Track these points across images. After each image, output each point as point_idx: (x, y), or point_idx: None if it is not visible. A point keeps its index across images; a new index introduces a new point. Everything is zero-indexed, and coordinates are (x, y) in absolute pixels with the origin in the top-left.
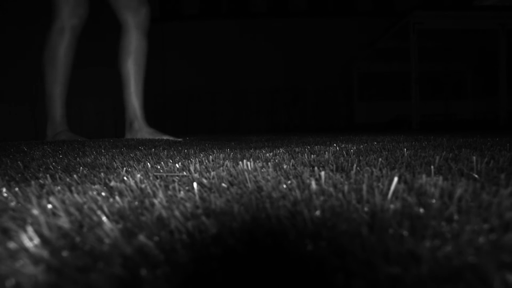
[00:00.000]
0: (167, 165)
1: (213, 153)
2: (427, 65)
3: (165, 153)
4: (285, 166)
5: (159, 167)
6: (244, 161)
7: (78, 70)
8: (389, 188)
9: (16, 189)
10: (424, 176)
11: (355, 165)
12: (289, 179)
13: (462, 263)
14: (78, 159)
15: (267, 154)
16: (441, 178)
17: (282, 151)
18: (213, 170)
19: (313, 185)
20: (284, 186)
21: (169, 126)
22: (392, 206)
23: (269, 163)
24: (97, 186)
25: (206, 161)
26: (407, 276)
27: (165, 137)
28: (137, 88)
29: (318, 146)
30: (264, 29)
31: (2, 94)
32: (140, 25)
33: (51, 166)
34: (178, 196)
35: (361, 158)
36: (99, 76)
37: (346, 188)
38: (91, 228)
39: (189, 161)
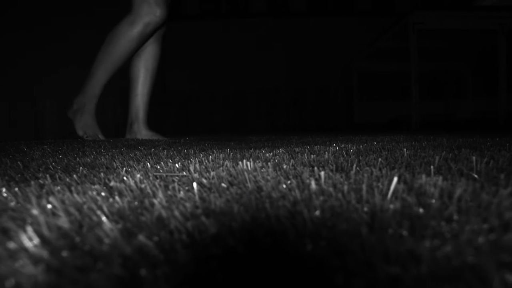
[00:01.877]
0: (167, 165)
1: (213, 153)
2: (427, 65)
3: (165, 153)
4: (284, 166)
5: (158, 167)
6: (244, 161)
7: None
8: (388, 188)
9: (16, 189)
10: (423, 176)
11: (354, 165)
12: (288, 179)
13: (461, 263)
14: (77, 159)
15: (267, 154)
16: (440, 178)
17: (282, 151)
18: (213, 170)
19: (313, 185)
20: (284, 186)
21: (169, 126)
22: (391, 206)
23: (269, 163)
24: (96, 186)
25: (206, 161)
26: (406, 276)
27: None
28: (143, 90)
29: (318, 146)
30: (264, 29)
31: (2, 94)
32: None
33: (50, 166)
34: (178, 196)
35: (360, 158)
36: None
37: (345, 188)
38: (90, 228)
39: (189, 161)
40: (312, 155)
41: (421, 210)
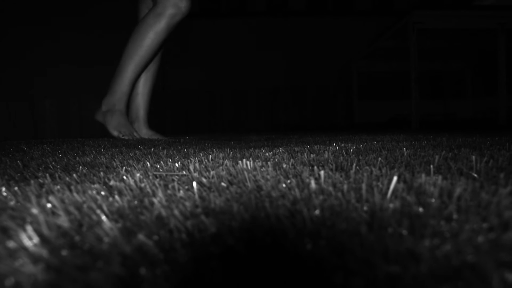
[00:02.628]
0: (167, 165)
1: (213, 152)
2: (427, 65)
3: (165, 152)
4: (284, 166)
5: (158, 166)
6: (244, 160)
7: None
8: (388, 187)
9: (16, 188)
10: (423, 175)
11: (354, 165)
12: (288, 178)
13: (461, 262)
14: (77, 158)
15: (267, 154)
16: (440, 177)
17: (282, 151)
18: (213, 169)
19: (313, 184)
20: (284, 185)
21: (169, 126)
22: (391, 205)
23: (269, 163)
24: (96, 185)
25: (206, 160)
26: (406, 275)
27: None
28: (144, 90)
29: (318, 146)
30: (263, 29)
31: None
32: None
33: (50, 165)
34: (178, 195)
35: (360, 157)
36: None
37: (345, 187)
38: (90, 227)
39: (189, 160)
40: (311, 155)
41: (420, 209)
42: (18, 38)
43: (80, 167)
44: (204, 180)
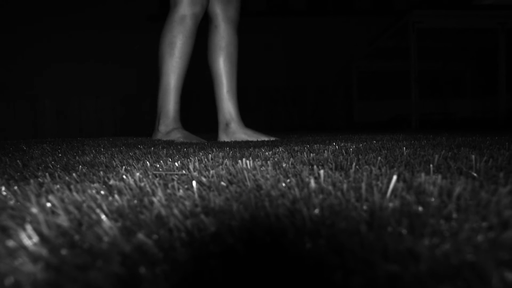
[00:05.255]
0: (166, 164)
1: (212, 151)
2: (427, 64)
3: (164, 152)
4: (284, 165)
5: (158, 165)
6: (243, 159)
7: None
8: (388, 187)
9: (15, 187)
10: (423, 174)
11: (354, 164)
12: (288, 177)
13: (460, 261)
14: (77, 157)
15: (266, 153)
16: (440, 176)
17: (281, 150)
18: (212, 169)
19: (312, 183)
20: (283, 184)
21: None
22: (391, 204)
23: (268, 162)
24: (96, 185)
25: (205, 159)
26: (405, 274)
27: (264, 138)
28: (231, 87)
29: (317, 145)
30: (263, 28)
31: (2, 92)
32: (231, 19)
33: (50, 165)
34: (177, 195)
35: (360, 156)
36: (98, 74)
37: (345, 186)
38: (90, 226)
39: (188, 159)
40: (311, 154)
41: (420, 208)
42: (18, 37)
43: (80, 166)
44: (203, 179)
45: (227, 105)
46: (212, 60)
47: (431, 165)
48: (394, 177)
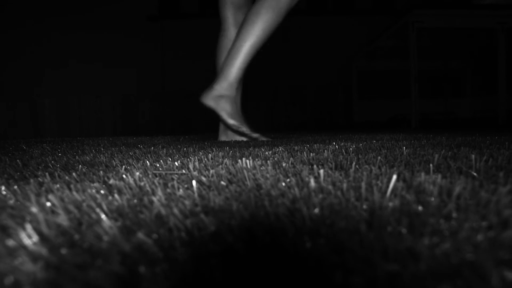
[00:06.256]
0: (166, 163)
1: (212, 151)
2: (427, 64)
3: (164, 151)
4: (284, 164)
5: (158, 165)
6: (243, 159)
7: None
8: (388, 186)
9: (15, 187)
10: (423, 174)
11: (354, 163)
12: (288, 177)
13: (460, 260)
14: (77, 157)
15: (266, 152)
16: (439, 176)
17: (281, 149)
18: (212, 168)
19: (312, 183)
20: (283, 184)
21: (169, 125)
22: (390, 203)
23: (268, 161)
24: (96, 184)
25: (205, 159)
26: (405, 273)
27: (263, 139)
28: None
29: (317, 145)
30: None
31: (2, 92)
32: (240, 24)
33: (50, 164)
34: (177, 194)
35: (360, 156)
36: (98, 74)
37: (345, 186)
38: (90, 226)
39: (188, 159)
40: (311, 153)
41: (420, 207)
42: (18, 37)
43: (80, 166)
44: (203, 178)
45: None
46: (219, 62)
47: (431, 165)
48: (394, 177)
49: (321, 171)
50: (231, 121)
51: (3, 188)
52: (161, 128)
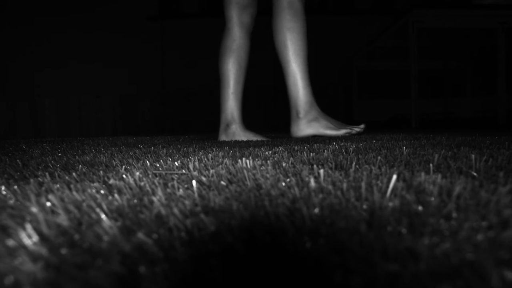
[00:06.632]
0: (166, 163)
1: (212, 151)
2: (427, 64)
3: (164, 151)
4: (284, 164)
5: (158, 165)
6: (243, 159)
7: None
8: (387, 186)
9: (15, 187)
10: (423, 174)
11: (354, 163)
12: (288, 177)
13: (460, 260)
14: (77, 157)
15: (266, 152)
16: (439, 176)
17: (281, 149)
18: (212, 168)
19: (312, 183)
20: (283, 184)
21: (169, 125)
22: (390, 203)
23: (268, 161)
24: (96, 184)
25: (205, 159)
26: (405, 273)
27: (263, 139)
28: (237, 89)
29: (317, 144)
30: (263, 27)
31: (2, 92)
32: (245, 25)
33: (50, 164)
34: (177, 194)
35: (360, 156)
36: (98, 74)
37: (345, 186)
38: (90, 226)
39: (188, 159)
40: (311, 153)
41: (420, 207)
42: (18, 37)
43: (80, 166)
44: (203, 178)
45: (230, 106)
46: (221, 61)
47: (431, 165)
48: (394, 177)
49: (321, 171)
50: (339, 132)
51: (3, 188)
52: (161, 128)
